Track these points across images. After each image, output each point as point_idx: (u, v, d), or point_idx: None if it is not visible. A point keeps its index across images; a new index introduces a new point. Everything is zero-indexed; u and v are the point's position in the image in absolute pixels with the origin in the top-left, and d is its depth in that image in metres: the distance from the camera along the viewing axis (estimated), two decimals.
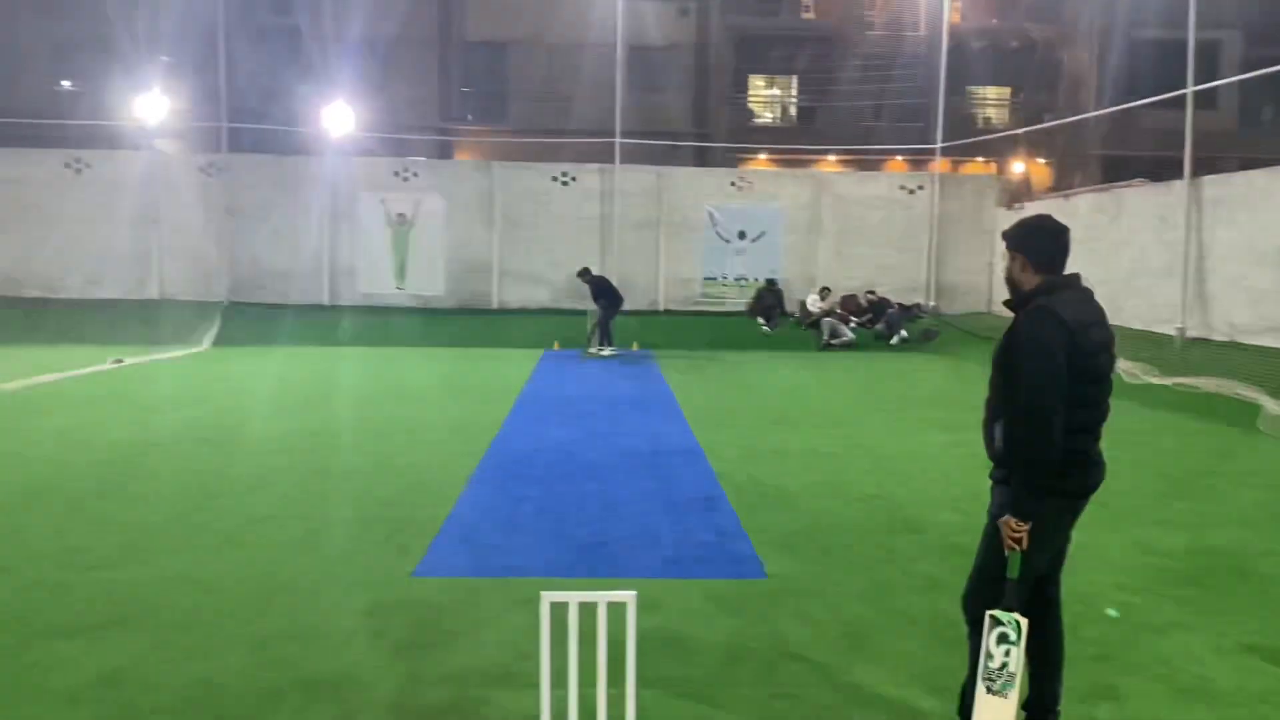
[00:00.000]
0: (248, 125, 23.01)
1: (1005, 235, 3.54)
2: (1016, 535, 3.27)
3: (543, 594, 2.91)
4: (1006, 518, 3.31)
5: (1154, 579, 5.74)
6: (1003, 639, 3.33)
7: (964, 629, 3.63)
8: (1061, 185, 26.19)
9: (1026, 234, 3.49)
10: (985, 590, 3.46)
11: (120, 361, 15.53)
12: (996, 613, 3.34)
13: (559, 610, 2.91)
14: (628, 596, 2.88)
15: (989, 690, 3.35)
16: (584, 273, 19.02)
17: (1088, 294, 3.47)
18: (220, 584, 5.39)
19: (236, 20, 23.08)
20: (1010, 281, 3.50)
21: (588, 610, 2.97)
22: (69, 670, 4.23)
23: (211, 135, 22.81)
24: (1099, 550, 6.18)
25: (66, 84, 29.21)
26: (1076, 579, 5.46)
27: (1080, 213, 18.66)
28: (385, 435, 9.94)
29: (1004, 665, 3.33)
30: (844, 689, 4.18)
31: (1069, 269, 3.48)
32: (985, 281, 22.14)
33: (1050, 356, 3.21)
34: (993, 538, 3.44)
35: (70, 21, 27.83)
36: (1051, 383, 3.20)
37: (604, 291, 18.61)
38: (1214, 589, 5.60)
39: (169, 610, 4.97)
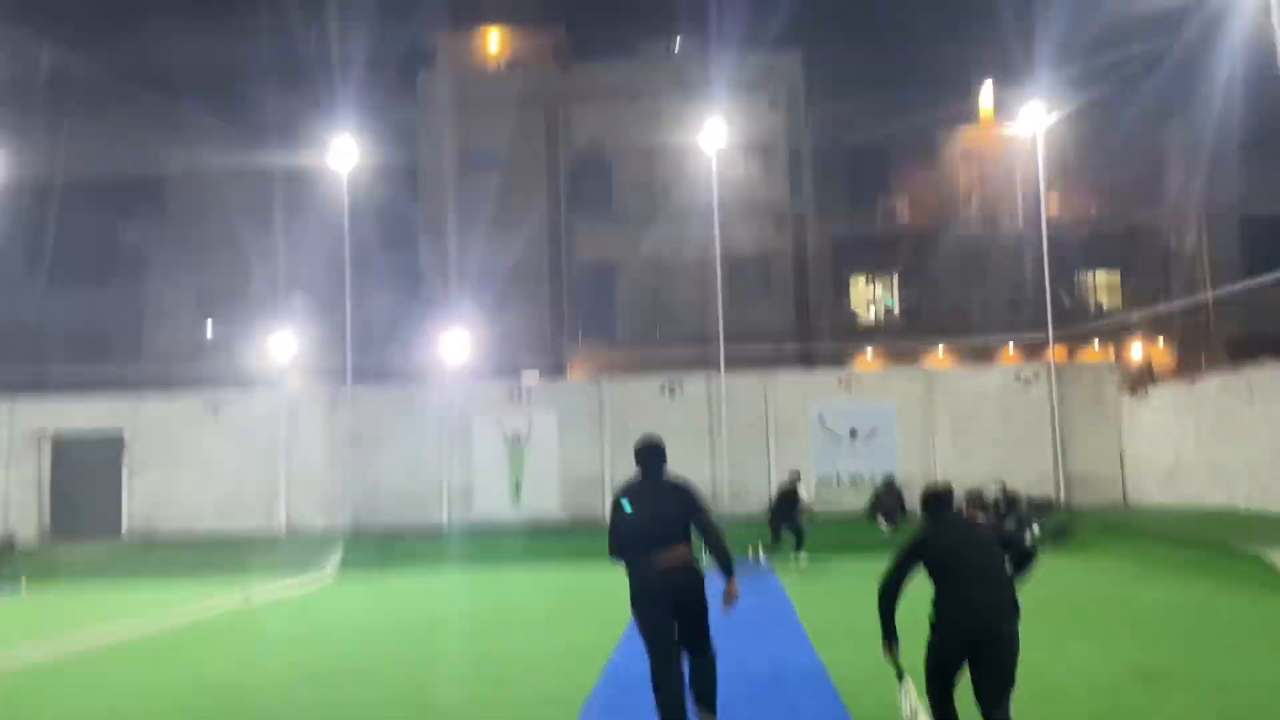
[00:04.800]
0: (370, 358, 24.26)
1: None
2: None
3: None
4: None
5: None
6: None
7: None
8: (1186, 368, 25.29)
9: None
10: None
11: (248, 597, 15.88)
12: None
13: None
14: None
15: None
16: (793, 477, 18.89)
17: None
18: None
19: (360, 261, 24.77)
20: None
21: None
22: None
23: (337, 369, 24.11)
24: None
25: (209, 330, 31.54)
26: None
27: (1210, 396, 17.95)
28: (497, 665, 9.77)
29: None
30: None
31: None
32: (1116, 471, 21.19)
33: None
34: None
35: (212, 273, 30.35)
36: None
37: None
38: None
39: None
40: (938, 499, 6.19)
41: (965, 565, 5.68)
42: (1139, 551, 16.66)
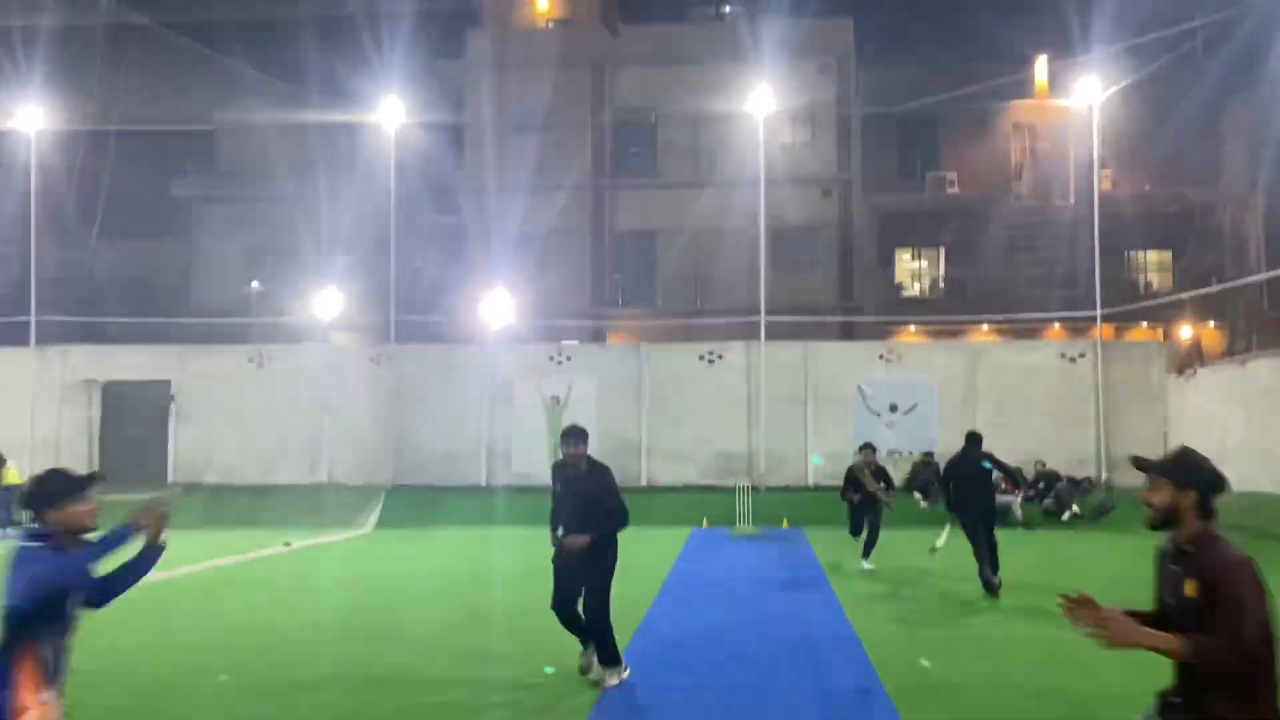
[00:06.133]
0: (414, 317, 24.45)
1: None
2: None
3: None
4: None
5: None
6: None
7: None
8: (1236, 349, 24.77)
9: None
10: None
11: (289, 545, 16.19)
12: None
13: None
14: None
15: None
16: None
17: None
18: None
19: (405, 221, 24.92)
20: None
21: None
22: None
23: (381, 327, 24.33)
24: None
25: (256, 285, 31.92)
26: None
27: (1261, 379, 17.61)
28: (535, 619, 9.87)
29: None
30: None
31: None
32: (1160, 452, 20.80)
33: None
34: None
35: (261, 229, 30.66)
36: None
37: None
38: None
39: None
40: (972, 436, 11.82)
41: (965, 478, 11.46)
42: None
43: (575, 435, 7.36)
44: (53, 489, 3.74)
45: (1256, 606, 3.09)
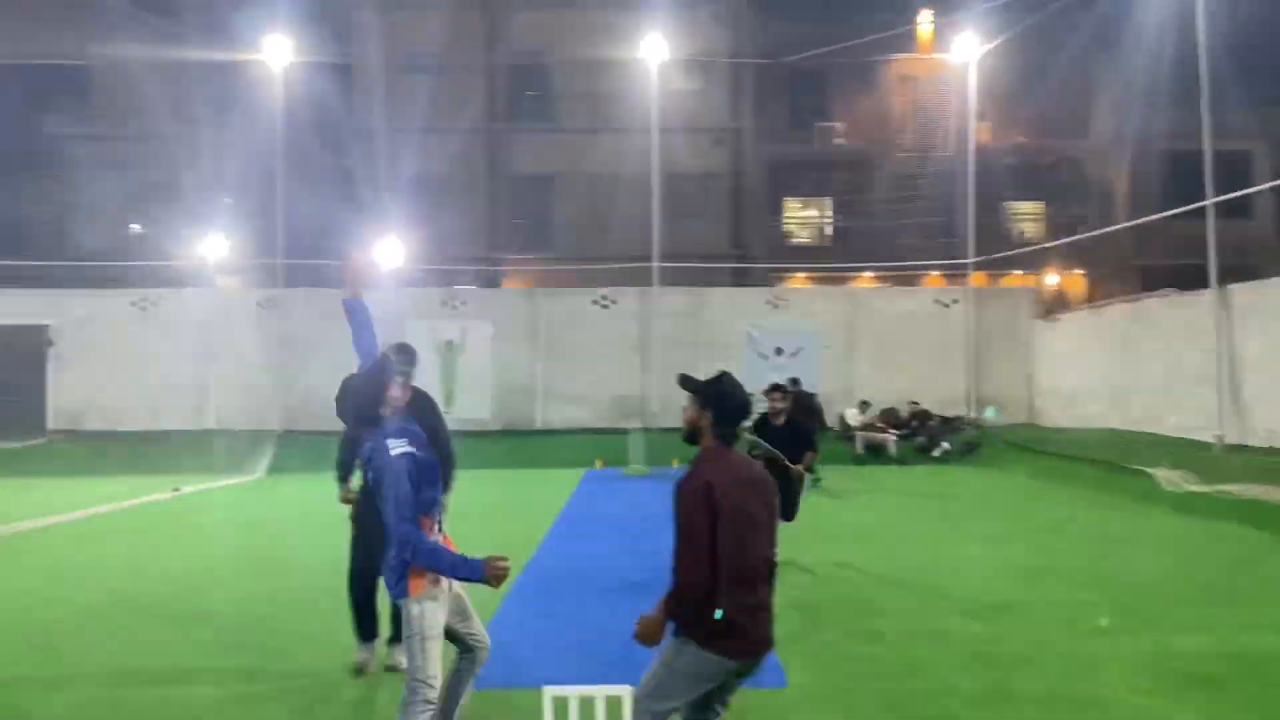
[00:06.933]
0: (303, 261, 24.13)
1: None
2: None
3: (545, 689, 3.16)
4: None
5: (1174, 683, 5.78)
6: None
7: None
8: (1096, 296, 26.30)
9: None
10: None
11: (178, 490, 16.09)
12: None
13: (564, 706, 3.15)
14: (623, 690, 3.12)
15: None
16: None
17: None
18: (268, 700, 5.66)
19: (293, 163, 24.46)
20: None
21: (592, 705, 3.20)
22: None
23: (268, 271, 23.94)
24: (1118, 654, 6.23)
25: (136, 227, 30.89)
26: (1093, 682, 5.55)
27: (1113, 324, 18.82)
28: None
29: None
30: None
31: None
32: (1026, 393, 22.21)
33: None
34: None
35: (141, 170, 29.59)
36: None
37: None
38: (1238, 694, 5.63)
39: None
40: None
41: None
42: (1040, 468, 17.68)
43: (408, 353, 6.08)
44: (371, 388, 4.32)
45: (688, 527, 3.52)
